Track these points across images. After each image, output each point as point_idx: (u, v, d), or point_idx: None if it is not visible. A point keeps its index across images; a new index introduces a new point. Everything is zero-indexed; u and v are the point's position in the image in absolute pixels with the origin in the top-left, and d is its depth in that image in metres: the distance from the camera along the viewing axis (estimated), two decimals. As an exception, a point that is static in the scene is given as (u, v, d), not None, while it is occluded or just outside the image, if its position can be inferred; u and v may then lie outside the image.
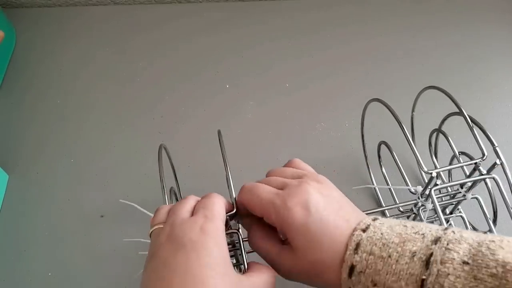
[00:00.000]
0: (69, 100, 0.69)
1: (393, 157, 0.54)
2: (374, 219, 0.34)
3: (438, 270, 0.28)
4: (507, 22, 0.76)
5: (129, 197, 0.59)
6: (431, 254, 0.29)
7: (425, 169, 0.40)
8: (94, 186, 0.61)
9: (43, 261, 0.55)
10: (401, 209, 0.53)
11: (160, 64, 0.73)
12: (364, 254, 0.31)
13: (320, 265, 0.33)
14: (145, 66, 0.73)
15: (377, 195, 0.59)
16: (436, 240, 0.30)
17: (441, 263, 0.28)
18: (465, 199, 0.46)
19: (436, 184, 0.41)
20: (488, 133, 0.42)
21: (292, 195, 0.35)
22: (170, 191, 0.46)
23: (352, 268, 0.32)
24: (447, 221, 0.53)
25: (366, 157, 0.61)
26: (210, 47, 0.75)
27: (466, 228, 0.49)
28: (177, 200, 0.49)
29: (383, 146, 0.58)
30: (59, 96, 0.70)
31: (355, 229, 0.33)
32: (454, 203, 0.49)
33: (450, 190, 0.48)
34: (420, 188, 0.44)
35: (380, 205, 0.59)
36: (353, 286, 0.32)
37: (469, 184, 0.45)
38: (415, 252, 0.30)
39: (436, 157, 0.57)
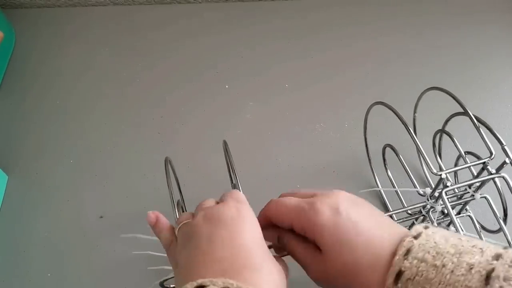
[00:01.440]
0: (69, 100, 0.69)
1: (399, 160, 0.54)
2: (426, 227, 0.32)
3: (500, 287, 0.27)
4: (507, 23, 0.76)
5: (128, 198, 0.59)
6: (493, 270, 0.28)
7: (434, 171, 0.39)
8: (94, 186, 0.61)
9: (42, 262, 0.55)
10: (409, 211, 0.52)
11: (159, 65, 0.73)
12: (415, 261, 0.30)
13: (353, 266, 0.31)
14: (144, 66, 0.73)
15: (383, 198, 0.59)
16: (498, 257, 0.29)
17: (504, 279, 0.27)
18: (474, 199, 0.46)
19: (446, 186, 0.40)
20: (496, 132, 0.41)
21: (321, 199, 0.34)
22: (177, 204, 0.46)
23: (399, 274, 0.30)
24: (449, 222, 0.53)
25: (370, 160, 0.60)
26: (209, 48, 0.75)
27: (475, 227, 0.48)
28: (184, 211, 0.48)
29: (387, 149, 0.58)
30: (59, 97, 0.70)
31: (405, 235, 0.31)
32: (462, 203, 0.48)
33: (457, 191, 0.48)
34: (429, 190, 0.43)
35: (386, 208, 0.58)
36: None
37: (478, 184, 0.45)
38: (473, 265, 0.28)
39: (440, 158, 0.57)
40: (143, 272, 0.52)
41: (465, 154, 0.50)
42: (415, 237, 0.31)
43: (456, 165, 0.54)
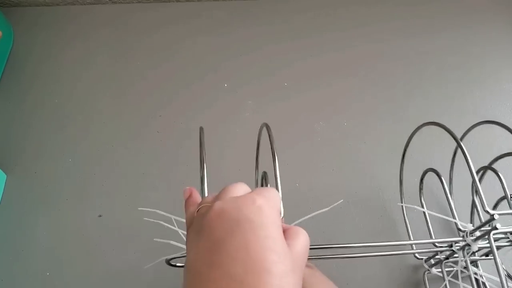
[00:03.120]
0: (67, 99, 0.69)
1: (443, 187, 0.47)
2: None
3: None
4: (507, 24, 0.76)
5: (127, 197, 0.59)
6: None
7: (487, 209, 0.36)
8: (92, 185, 0.61)
9: (41, 260, 0.55)
10: (437, 244, 0.50)
11: (158, 63, 0.73)
12: None
13: None
14: (143, 65, 0.73)
15: (406, 222, 0.56)
16: None
17: None
18: None
19: (495, 228, 0.36)
20: None
21: None
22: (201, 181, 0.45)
23: None
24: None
25: (401, 181, 0.56)
26: (208, 46, 0.75)
27: (499, 274, 0.39)
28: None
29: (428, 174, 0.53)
30: (58, 96, 0.70)
31: None
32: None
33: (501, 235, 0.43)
34: (470, 226, 0.39)
35: (408, 237, 0.55)
36: None
37: None
38: None
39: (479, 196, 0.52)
40: (142, 271, 0.53)
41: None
42: None
43: (495, 206, 0.49)
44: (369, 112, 0.66)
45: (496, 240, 0.42)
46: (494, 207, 0.51)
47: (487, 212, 0.35)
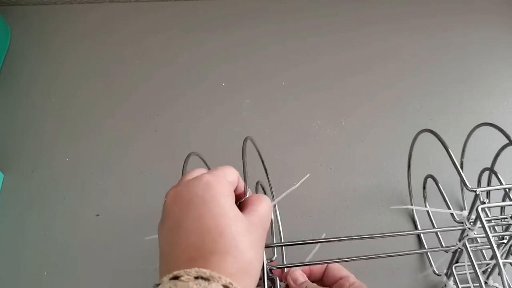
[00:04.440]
0: (65, 98, 0.69)
1: (438, 189, 0.49)
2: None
3: None
4: (505, 24, 0.76)
5: (124, 196, 0.59)
6: None
7: (470, 187, 0.37)
8: (90, 185, 0.60)
9: (38, 260, 0.55)
10: (443, 243, 0.50)
11: (155, 62, 0.73)
12: None
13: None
14: (141, 64, 0.73)
15: (414, 217, 0.56)
16: None
17: None
18: None
19: (483, 202, 0.37)
20: None
21: None
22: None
23: None
24: (489, 268, 0.47)
25: (410, 187, 0.57)
26: (206, 45, 0.75)
27: None
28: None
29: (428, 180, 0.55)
30: (54, 95, 0.69)
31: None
32: (502, 243, 0.44)
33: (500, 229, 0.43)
34: (465, 212, 0.40)
35: (415, 227, 0.56)
36: None
37: None
38: None
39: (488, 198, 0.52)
40: (140, 271, 0.52)
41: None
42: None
43: (479, 182, 0.51)
44: (367, 111, 0.66)
45: (506, 228, 0.43)
46: (479, 184, 0.53)
47: (470, 189, 0.36)
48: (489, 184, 0.51)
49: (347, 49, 0.73)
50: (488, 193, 0.52)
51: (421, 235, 0.54)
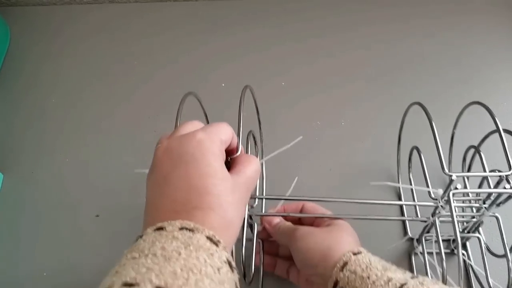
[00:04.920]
0: (64, 98, 0.69)
1: (421, 162, 0.51)
2: (367, 251, 0.40)
3: None
4: (504, 25, 0.76)
5: (124, 196, 0.59)
6: (405, 284, 0.34)
7: (446, 171, 0.38)
8: (89, 185, 0.60)
9: (38, 260, 0.55)
10: (419, 214, 0.53)
11: (155, 63, 0.73)
12: (348, 273, 0.37)
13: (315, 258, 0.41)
14: (140, 64, 0.73)
15: (399, 189, 0.58)
16: (414, 277, 0.35)
17: None
18: (483, 215, 0.44)
19: (456, 188, 0.39)
20: None
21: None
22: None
23: (336, 283, 0.38)
24: (463, 239, 0.51)
25: (398, 160, 0.59)
26: (205, 45, 0.75)
27: (482, 250, 0.49)
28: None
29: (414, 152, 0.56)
30: (54, 95, 0.69)
31: (349, 251, 0.39)
32: (473, 221, 0.47)
33: (473, 209, 0.46)
34: (441, 191, 0.41)
35: (401, 207, 0.58)
36: None
37: (491, 200, 0.43)
38: (391, 279, 0.35)
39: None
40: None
41: (494, 171, 0.46)
42: (355, 253, 0.39)
43: (481, 183, 0.51)
44: (367, 112, 0.66)
45: (477, 210, 0.46)
46: (463, 162, 0.55)
47: (446, 174, 0.38)
48: (470, 165, 0.54)
49: (347, 51, 0.73)
50: (469, 170, 0.55)
51: (404, 207, 0.57)
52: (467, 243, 0.53)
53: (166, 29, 0.77)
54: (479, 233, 0.50)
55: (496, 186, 0.43)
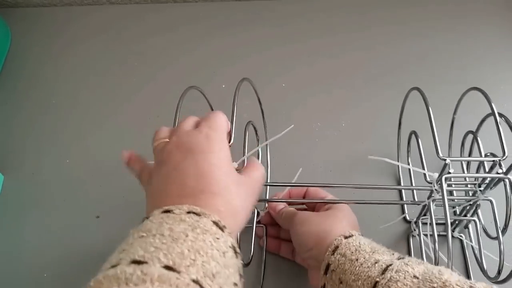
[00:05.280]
0: (65, 100, 0.69)
1: (418, 146, 0.52)
2: (360, 234, 0.42)
3: (391, 277, 0.34)
4: (504, 26, 0.76)
5: (125, 198, 0.59)
6: (391, 265, 0.35)
7: (441, 155, 0.39)
8: (90, 186, 0.60)
9: (38, 262, 0.55)
10: (416, 197, 0.56)
11: (155, 64, 0.73)
12: (338, 256, 0.38)
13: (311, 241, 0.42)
14: (141, 65, 0.73)
15: (399, 175, 0.60)
16: (400, 258, 0.37)
17: (396, 272, 0.34)
18: (478, 198, 0.45)
19: (449, 173, 0.40)
20: None
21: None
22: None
23: (328, 266, 0.39)
24: (462, 222, 0.52)
25: (399, 144, 0.60)
26: (206, 47, 0.75)
27: (477, 232, 0.50)
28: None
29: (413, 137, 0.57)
30: (55, 96, 0.69)
31: (341, 234, 0.40)
32: (469, 204, 0.48)
33: (470, 192, 0.47)
34: (436, 175, 0.42)
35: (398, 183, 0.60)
36: (327, 282, 0.39)
37: (485, 184, 0.44)
38: (378, 261, 0.36)
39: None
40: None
41: (489, 154, 0.48)
42: (346, 237, 0.40)
43: (478, 167, 0.52)
44: (367, 113, 0.66)
45: (472, 194, 0.47)
46: (462, 147, 0.56)
47: (440, 158, 0.39)
48: (471, 150, 0.55)
49: (347, 53, 0.73)
50: (470, 156, 0.56)
51: (402, 191, 0.58)
52: (470, 226, 0.54)
53: (167, 30, 0.77)
54: (478, 216, 0.51)
55: (490, 171, 0.44)
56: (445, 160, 0.39)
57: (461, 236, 0.53)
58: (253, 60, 0.73)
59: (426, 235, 0.50)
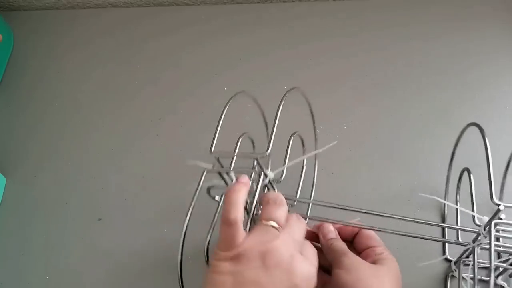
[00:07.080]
0: (67, 103, 0.69)
1: (470, 186, 0.49)
2: None
3: None
4: (506, 28, 0.76)
5: (127, 200, 0.59)
6: None
7: (495, 200, 0.37)
8: (92, 189, 0.61)
9: (40, 264, 0.55)
10: (460, 237, 0.52)
11: (157, 67, 0.73)
12: None
13: None
14: (143, 68, 0.73)
15: (444, 212, 0.56)
16: None
17: None
18: None
19: (500, 218, 0.38)
20: None
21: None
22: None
23: None
24: (501, 269, 0.49)
25: (448, 181, 0.56)
26: (208, 49, 0.75)
27: None
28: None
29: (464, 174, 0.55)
30: (57, 99, 0.70)
31: None
32: None
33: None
34: (486, 219, 0.39)
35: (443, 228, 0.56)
36: None
37: None
38: None
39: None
40: (142, 273, 0.52)
41: None
42: None
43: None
44: (369, 116, 0.66)
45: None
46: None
47: (494, 202, 0.36)
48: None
49: (349, 56, 0.72)
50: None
51: (446, 228, 0.55)
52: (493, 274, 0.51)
53: (169, 33, 0.77)
54: None
55: None
56: (498, 205, 0.37)
57: (504, 284, 0.50)
58: (254, 63, 0.73)
59: (466, 277, 0.48)
